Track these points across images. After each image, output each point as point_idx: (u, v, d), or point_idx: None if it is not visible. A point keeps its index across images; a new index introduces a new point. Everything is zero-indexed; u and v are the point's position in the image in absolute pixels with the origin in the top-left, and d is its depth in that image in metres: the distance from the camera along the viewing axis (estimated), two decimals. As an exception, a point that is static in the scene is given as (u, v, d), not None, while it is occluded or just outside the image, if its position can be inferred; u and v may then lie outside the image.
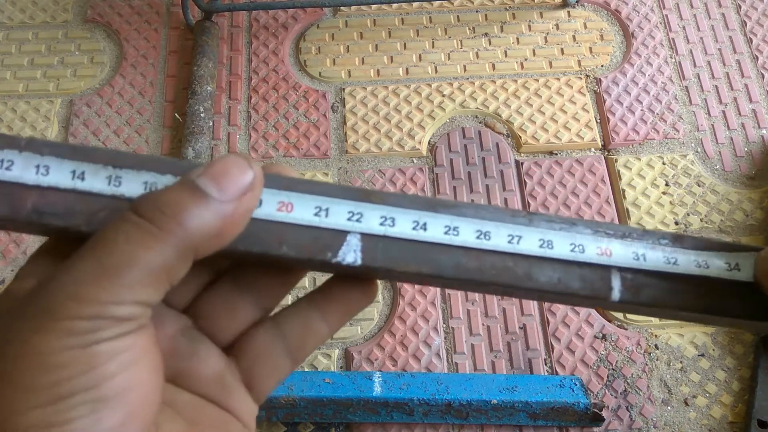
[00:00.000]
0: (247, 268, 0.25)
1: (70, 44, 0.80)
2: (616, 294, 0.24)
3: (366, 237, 0.23)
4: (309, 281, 0.65)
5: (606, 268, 0.24)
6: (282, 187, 0.23)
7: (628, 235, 0.25)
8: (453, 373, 0.62)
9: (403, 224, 0.23)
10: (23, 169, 0.22)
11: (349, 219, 0.23)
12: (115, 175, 0.22)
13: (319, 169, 0.72)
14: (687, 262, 0.24)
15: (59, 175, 0.22)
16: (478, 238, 0.23)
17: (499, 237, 0.23)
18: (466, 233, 0.23)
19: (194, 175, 0.20)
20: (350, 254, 0.23)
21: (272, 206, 0.23)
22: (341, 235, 0.23)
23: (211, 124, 0.74)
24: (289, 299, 0.60)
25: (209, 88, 0.75)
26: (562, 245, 0.24)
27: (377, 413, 0.58)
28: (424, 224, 0.23)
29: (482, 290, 0.25)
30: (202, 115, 0.73)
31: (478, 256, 0.23)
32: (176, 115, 0.75)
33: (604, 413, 0.58)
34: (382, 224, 0.23)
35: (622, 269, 0.24)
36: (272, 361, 0.24)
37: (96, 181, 0.22)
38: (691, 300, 0.24)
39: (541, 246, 0.24)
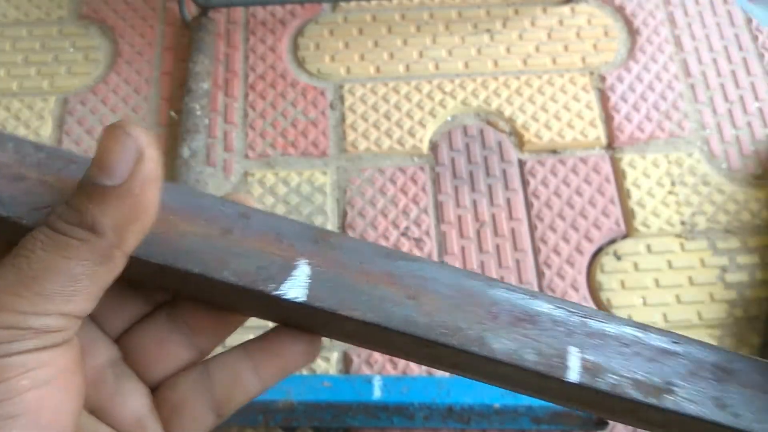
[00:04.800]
0: (185, 304, 0.23)
1: (65, 41, 0.79)
2: (573, 375, 0.21)
3: (315, 275, 0.21)
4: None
5: (565, 348, 0.22)
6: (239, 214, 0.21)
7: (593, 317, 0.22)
8: (455, 376, 0.61)
9: None
10: None
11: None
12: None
13: (317, 168, 0.70)
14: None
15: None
16: None
17: None
18: None
19: (86, 174, 0.19)
20: (295, 289, 0.20)
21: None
22: (290, 267, 0.21)
23: (207, 121, 0.73)
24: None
25: (205, 85, 0.73)
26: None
27: (377, 418, 0.57)
28: None
29: (427, 356, 0.23)
30: (198, 112, 0.71)
31: (430, 312, 0.21)
32: (172, 112, 0.74)
33: (609, 418, 0.57)
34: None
35: (583, 350, 0.22)
36: (193, 413, 0.22)
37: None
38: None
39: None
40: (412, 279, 0.21)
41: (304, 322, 0.22)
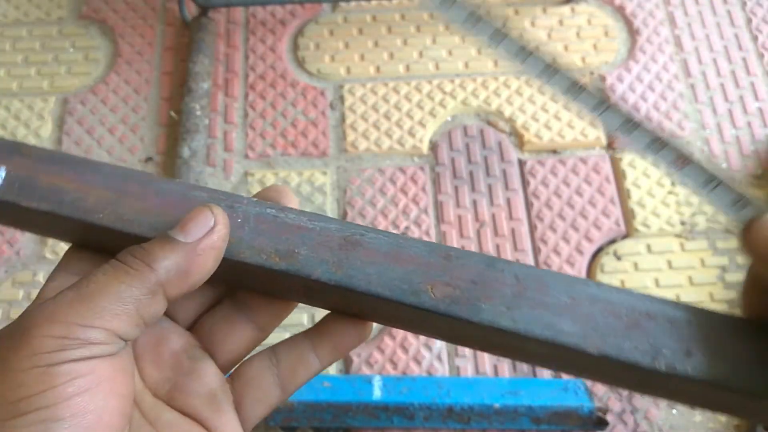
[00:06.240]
0: (245, 293, 0.26)
1: (65, 41, 0.79)
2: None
3: (9, 177, 0.25)
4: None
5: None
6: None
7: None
8: (454, 376, 0.61)
9: None
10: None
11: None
12: None
13: (317, 168, 0.70)
14: None
15: None
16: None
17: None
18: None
19: (169, 230, 0.23)
20: None
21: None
22: None
23: (207, 121, 0.73)
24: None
25: (205, 85, 0.73)
26: None
27: (377, 418, 0.57)
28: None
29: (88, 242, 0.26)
30: (198, 112, 0.71)
31: (103, 207, 0.25)
32: (172, 112, 0.74)
33: (608, 417, 0.58)
34: None
35: None
36: (263, 388, 0.25)
37: None
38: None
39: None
40: (94, 179, 0.25)
41: (354, 315, 0.26)
